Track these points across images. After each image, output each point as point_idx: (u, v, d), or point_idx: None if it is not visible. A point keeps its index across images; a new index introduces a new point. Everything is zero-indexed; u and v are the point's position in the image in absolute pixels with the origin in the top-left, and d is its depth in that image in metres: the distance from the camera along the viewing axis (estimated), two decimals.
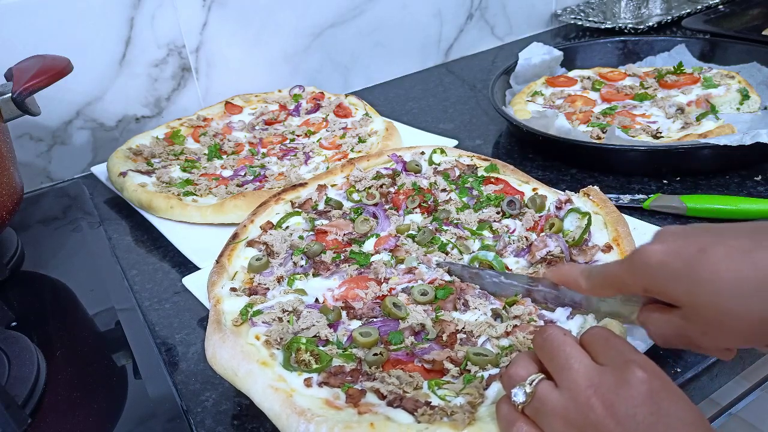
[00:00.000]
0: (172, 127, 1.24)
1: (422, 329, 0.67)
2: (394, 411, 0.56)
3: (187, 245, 0.92)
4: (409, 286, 0.73)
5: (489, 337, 0.65)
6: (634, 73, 1.29)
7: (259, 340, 0.65)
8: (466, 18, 1.62)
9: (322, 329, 0.66)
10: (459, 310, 0.70)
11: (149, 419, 0.66)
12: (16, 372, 0.69)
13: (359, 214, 0.87)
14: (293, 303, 0.70)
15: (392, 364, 0.62)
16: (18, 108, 0.91)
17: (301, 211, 0.89)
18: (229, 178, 1.08)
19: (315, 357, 0.63)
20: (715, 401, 0.85)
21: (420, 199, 0.88)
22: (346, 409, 0.56)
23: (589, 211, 0.78)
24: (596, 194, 0.81)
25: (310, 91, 1.34)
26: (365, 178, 0.94)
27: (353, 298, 0.72)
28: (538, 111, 1.18)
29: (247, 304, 0.70)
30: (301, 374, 0.61)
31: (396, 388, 0.58)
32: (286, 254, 0.80)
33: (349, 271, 0.76)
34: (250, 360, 0.61)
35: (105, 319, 0.83)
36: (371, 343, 0.64)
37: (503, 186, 0.89)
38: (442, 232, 0.82)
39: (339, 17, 1.43)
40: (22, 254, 0.98)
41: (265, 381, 0.59)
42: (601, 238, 0.75)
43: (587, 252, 0.74)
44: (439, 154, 0.98)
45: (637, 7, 1.69)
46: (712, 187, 0.92)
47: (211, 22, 1.29)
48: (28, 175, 1.18)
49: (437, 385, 0.59)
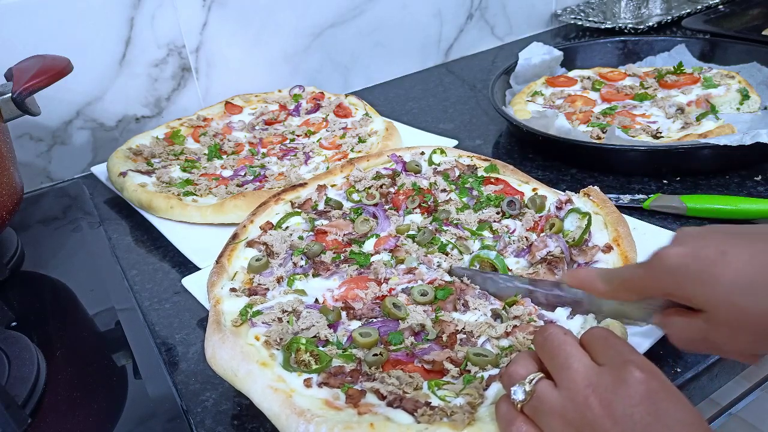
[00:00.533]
0: (172, 127, 1.24)
1: (422, 330, 0.67)
2: (394, 411, 0.56)
3: (187, 245, 0.92)
4: (409, 287, 0.73)
5: (489, 338, 0.65)
6: (634, 73, 1.29)
7: (259, 341, 0.65)
8: (466, 18, 1.62)
9: (321, 329, 0.66)
10: (459, 311, 0.70)
11: (149, 419, 0.66)
12: (16, 372, 0.69)
13: (359, 215, 0.87)
14: (293, 303, 0.70)
15: (392, 364, 0.62)
16: (18, 108, 0.91)
17: (301, 211, 0.89)
18: (229, 178, 1.08)
19: (315, 357, 0.63)
20: (715, 401, 0.85)
21: (420, 199, 0.88)
22: (345, 410, 0.56)
23: (589, 211, 0.78)
24: (596, 194, 0.81)
25: (310, 91, 1.34)
26: (365, 179, 0.94)
27: (353, 299, 0.72)
28: (538, 111, 1.18)
29: (247, 304, 0.70)
30: (301, 375, 0.61)
31: (396, 388, 0.58)
32: (286, 254, 0.80)
33: (349, 271, 0.76)
34: (250, 360, 0.61)
35: (105, 319, 0.83)
36: (371, 343, 0.64)
37: (503, 186, 0.89)
38: (442, 233, 0.82)
39: (339, 17, 1.43)
40: (22, 254, 0.98)
41: (264, 381, 0.59)
42: (602, 238, 0.75)
43: (587, 252, 0.74)
44: (439, 154, 0.98)
45: (637, 7, 1.69)
46: (712, 187, 0.92)
47: (211, 22, 1.29)
48: (28, 175, 1.18)
49: (437, 385, 0.59)
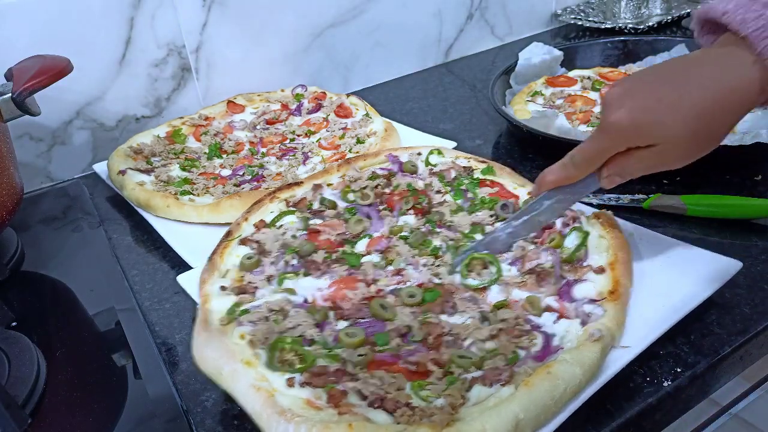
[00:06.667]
0: (173, 125, 1.24)
1: (409, 331, 0.66)
2: (375, 412, 0.56)
3: (183, 244, 0.91)
4: (397, 288, 0.73)
5: (475, 340, 0.64)
6: None
7: (244, 340, 0.65)
8: (466, 18, 1.62)
9: (308, 329, 0.66)
10: (447, 313, 0.69)
11: (149, 419, 0.66)
12: (16, 372, 0.69)
13: (353, 215, 0.87)
14: (281, 303, 0.70)
15: (377, 365, 0.62)
16: (18, 108, 0.91)
17: (296, 210, 0.88)
18: (228, 177, 1.08)
19: (299, 357, 0.63)
20: (715, 401, 0.85)
21: (414, 200, 0.88)
22: (326, 410, 0.56)
23: (590, 231, 0.77)
24: (607, 219, 0.78)
25: (312, 91, 1.34)
26: (361, 178, 0.93)
27: (342, 299, 0.72)
28: (538, 111, 1.18)
29: (235, 303, 0.70)
30: (284, 374, 0.61)
31: (377, 389, 0.58)
32: (278, 253, 0.79)
33: (339, 271, 0.76)
34: (235, 359, 0.61)
35: (105, 319, 0.83)
36: (357, 343, 0.64)
37: (498, 189, 0.89)
38: (434, 235, 0.82)
39: (339, 17, 1.43)
40: (22, 254, 0.98)
41: (247, 380, 0.59)
42: (600, 260, 0.73)
43: (578, 270, 0.72)
44: (436, 155, 0.98)
45: (637, 7, 1.69)
46: (712, 187, 0.92)
47: (211, 22, 1.29)
48: (28, 175, 1.18)
49: (420, 386, 0.58)
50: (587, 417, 0.59)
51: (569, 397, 0.57)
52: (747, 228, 0.84)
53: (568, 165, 0.70)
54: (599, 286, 0.69)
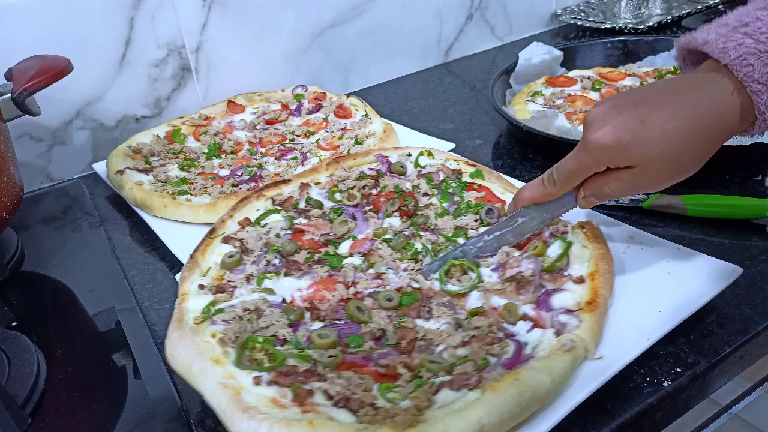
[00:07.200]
0: (173, 125, 1.24)
1: (383, 334, 0.66)
2: (338, 411, 0.56)
3: (178, 244, 0.91)
4: (375, 291, 0.73)
5: (447, 346, 0.64)
6: (635, 73, 1.29)
7: (215, 338, 0.65)
8: (466, 18, 1.62)
9: (281, 329, 0.66)
10: (423, 318, 0.69)
11: (149, 419, 0.66)
12: (16, 372, 0.69)
13: (339, 215, 0.86)
14: (256, 302, 0.70)
15: (347, 366, 0.62)
16: (18, 108, 0.91)
17: (281, 208, 0.88)
18: (226, 177, 1.08)
19: (269, 356, 0.63)
20: (715, 401, 0.85)
21: (400, 202, 0.87)
22: (291, 408, 0.56)
23: (573, 241, 0.75)
24: (591, 229, 0.76)
25: (313, 91, 1.34)
26: (349, 178, 0.92)
27: (320, 300, 0.72)
28: (538, 111, 1.18)
29: (210, 302, 0.70)
30: (251, 372, 0.61)
31: (344, 389, 0.57)
32: (261, 252, 0.79)
33: (320, 272, 0.76)
34: (204, 357, 0.61)
35: (105, 319, 0.83)
36: (328, 344, 0.64)
37: (485, 193, 0.88)
38: (417, 238, 0.81)
39: (339, 17, 1.43)
40: (22, 254, 0.98)
41: (215, 378, 0.59)
42: (580, 270, 0.72)
43: (558, 279, 0.71)
44: (426, 156, 0.97)
45: (637, 7, 1.69)
46: (712, 187, 0.92)
47: (211, 22, 1.29)
48: (28, 175, 1.18)
49: (388, 388, 0.58)
50: (587, 417, 0.59)
51: (537, 405, 0.56)
52: (747, 228, 0.84)
53: (546, 182, 0.70)
54: (577, 296, 0.68)
